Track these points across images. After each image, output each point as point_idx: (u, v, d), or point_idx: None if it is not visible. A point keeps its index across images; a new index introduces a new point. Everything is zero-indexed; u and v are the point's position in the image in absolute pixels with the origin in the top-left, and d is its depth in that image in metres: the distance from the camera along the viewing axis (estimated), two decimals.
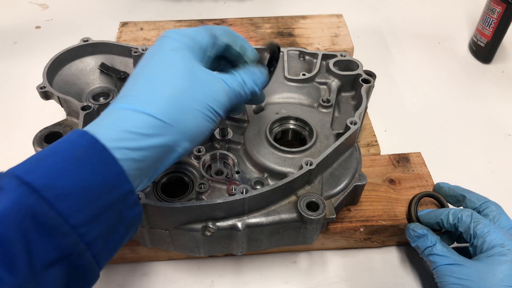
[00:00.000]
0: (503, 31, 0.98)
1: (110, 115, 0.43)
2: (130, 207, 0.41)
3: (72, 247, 0.36)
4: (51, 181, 0.36)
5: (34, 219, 0.34)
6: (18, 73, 0.99)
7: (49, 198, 0.35)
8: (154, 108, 0.42)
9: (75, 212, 0.36)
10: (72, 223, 0.36)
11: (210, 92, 0.46)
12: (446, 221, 0.60)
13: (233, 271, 0.68)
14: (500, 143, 0.88)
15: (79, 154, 0.38)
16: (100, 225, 0.38)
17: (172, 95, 0.43)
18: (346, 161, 0.65)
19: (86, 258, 0.37)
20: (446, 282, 0.56)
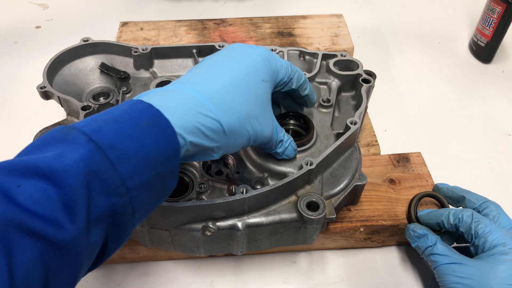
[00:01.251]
0: (503, 31, 0.98)
1: (181, 97, 0.46)
2: (173, 179, 0.44)
3: (121, 208, 0.39)
4: (115, 143, 0.38)
5: (97, 175, 0.37)
6: (18, 73, 0.99)
7: (112, 158, 0.38)
8: (225, 119, 0.47)
9: (132, 175, 0.39)
10: (127, 185, 0.38)
11: (262, 130, 0.52)
12: (446, 222, 0.60)
13: (233, 271, 0.68)
14: (500, 143, 0.88)
15: (143, 124, 0.41)
16: (148, 191, 0.41)
17: (245, 118, 0.49)
18: (346, 161, 0.65)
19: (128, 220, 0.40)
20: (447, 281, 0.56)
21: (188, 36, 1.00)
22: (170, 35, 1.00)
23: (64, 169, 0.35)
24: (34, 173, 0.35)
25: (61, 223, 0.34)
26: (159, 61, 0.79)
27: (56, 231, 0.34)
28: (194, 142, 0.44)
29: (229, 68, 0.51)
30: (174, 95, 0.46)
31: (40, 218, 0.33)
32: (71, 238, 0.35)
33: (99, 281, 0.67)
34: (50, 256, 0.34)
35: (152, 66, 0.79)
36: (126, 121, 0.40)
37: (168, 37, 1.00)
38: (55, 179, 0.35)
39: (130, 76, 0.77)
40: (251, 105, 0.50)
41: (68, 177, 0.35)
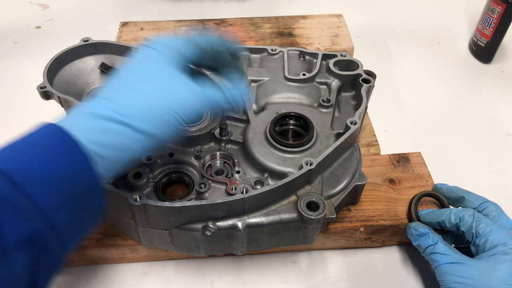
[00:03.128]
0: (503, 31, 0.98)
1: (82, 109, 0.45)
2: (94, 195, 0.43)
3: (40, 231, 0.38)
4: (20, 166, 0.38)
5: (6, 202, 0.36)
6: (18, 73, 0.99)
7: (19, 182, 0.37)
8: (119, 109, 0.45)
9: (44, 196, 0.38)
10: (40, 206, 0.38)
11: (176, 98, 0.48)
12: (447, 221, 0.60)
13: (233, 271, 0.68)
14: (500, 143, 0.88)
15: (46, 142, 0.40)
16: (67, 211, 0.40)
17: (138, 98, 0.46)
18: (346, 161, 0.65)
19: (53, 243, 0.39)
20: (448, 281, 0.56)
21: None
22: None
23: None
24: None
25: None
26: None
27: None
28: (104, 144, 0.43)
29: (121, 70, 0.50)
30: (77, 109, 0.45)
31: None
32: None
33: (99, 281, 0.67)
34: None
35: None
36: (28, 144, 0.40)
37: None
38: None
39: None
40: (144, 90, 0.47)
41: None
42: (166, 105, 0.47)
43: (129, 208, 0.55)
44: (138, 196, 0.54)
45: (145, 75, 0.49)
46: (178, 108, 0.47)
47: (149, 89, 0.47)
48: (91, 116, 0.44)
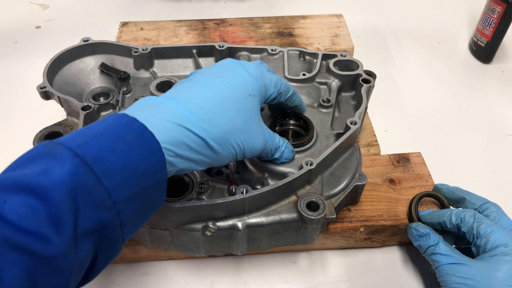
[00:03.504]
0: (503, 31, 0.98)
1: (166, 110, 0.46)
2: (161, 193, 0.45)
3: (109, 221, 0.39)
4: (100, 157, 0.39)
5: (84, 189, 0.37)
6: (18, 73, 1.00)
7: (98, 172, 0.38)
8: (209, 133, 0.47)
9: (118, 189, 0.39)
10: (114, 199, 0.39)
11: (252, 143, 0.53)
12: (448, 222, 0.60)
13: (233, 271, 0.68)
14: (500, 143, 0.88)
15: (128, 138, 0.41)
16: (135, 205, 0.41)
17: (229, 132, 0.49)
18: (346, 161, 0.65)
19: (116, 234, 0.40)
20: (449, 282, 0.56)
21: (188, 36, 1.00)
22: (170, 35, 1.00)
23: (51, 184, 0.35)
24: (20, 188, 0.35)
25: (48, 237, 0.34)
26: (159, 61, 0.79)
27: (43, 245, 0.34)
28: (180, 155, 0.45)
29: (216, 85, 0.51)
30: (159, 109, 0.46)
31: (26, 233, 0.33)
32: (58, 252, 0.35)
33: (99, 281, 0.67)
34: (37, 271, 0.34)
35: (152, 66, 0.79)
36: (110, 136, 0.41)
37: (168, 37, 1.00)
38: (41, 194, 0.35)
39: (130, 76, 0.77)
40: (237, 120, 0.50)
41: (54, 192, 0.35)
42: (241, 140, 0.51)
43: None
44: None
45: (235, 102, 0.51)
46: (249, 148, 0.52)
47: (234, 119, 0.50)
48: (174, 123, 0.45)
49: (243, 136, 0.51)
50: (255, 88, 0.54)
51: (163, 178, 0.43)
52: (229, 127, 0.49)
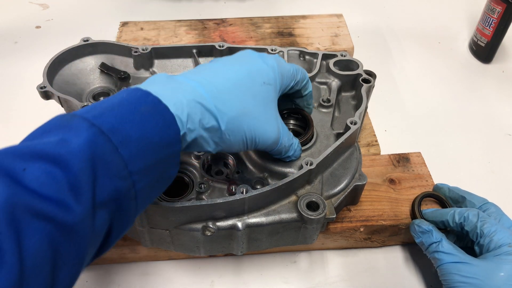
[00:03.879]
0: (503, 31, 0.98)
1: (180, 87, 0.46)
2: (174, 166, 0.45)
3: (125, 192, 0.39)
4: (117, 127, 0.39)
5: (102, 158, 0.37)
6: (18, 73, 0.99)
7: (115, 141, 0.38)
8: (222, 112, 0.47)
9: (135, 159, 0.39)
10: (130, 168, 0.39)
11: (264, 132, 0.52)
12: (452, 220, 0.60)
13: (233, 271, 0.68)
14: (500, 143, 0.88)
15: (143, 109, 0.41)
16: (150, 176, 0.42)
17: (241, 115, 0.49)
18: (346, 161, 0.65)
19: (131, 204, 0.41)
20: (451, 280, 0.56)
21: (188, 36, 1.00)
22: (170, 35, 1.00)
23: (70, 152, 0.36)
24: (39, 157, 0.35)
25: (68, 205, 0.34)
26: (159, 61, 0.79)
27: (63, 213, 0.34)
28: (192, 129, 0.45)
29: (232, 69, 0.51)
30: (173, 85, 0.46)
31: (47, 200, 0.33)
32: (78, 220, 0.35)
33: (99, 281, 0.67)
34: (58, 238, 0.34)
35: (152, 66, 0.79)
36: (125, 107, 0.41)
37: (168, 37, 1.00)
38: (60, 162, 0.35)
39: (130, 76, 0.77)
40: (250, 105, 0.50)
41: (73, 160, 0.35)
42: (253, 127, 0.50)
43: None
44: None
45: (250, 88, 0.51)
46: (261, 136, 0.52)
47: (247, 103, 0.50)
48: (187, 98, 0.45)
49: (255, 123, 0.51)
50: (272, 77, 0.53)
51: (177, 150, 0.44)
52: (241, 110, 0.49)
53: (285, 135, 0.56)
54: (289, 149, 0.58)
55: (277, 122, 0.55)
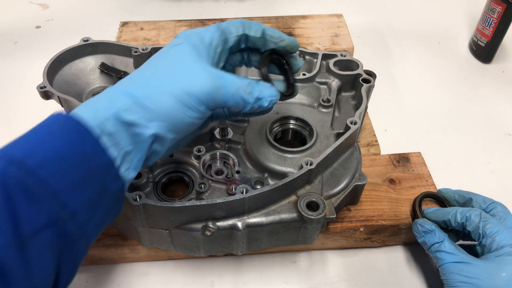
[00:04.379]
0: (503, 31, 0.98)
1: (99, 97, 0.45)
2: (112, 180, 0.42)
3: (57, 213, 0.37)
4: (31, 151, 0.38)
5: (19, 186, 0.36)
6: (18, 73, 0.99)
7: (31, 165, 0.37)
8: (133, 90, 0.44)
9: (57, 177, 0.38)
10: (54, 188, 0.37)
11: (187, 84, 0.45)
12: (453, 220, 0.60)
13: (233, 271, 0.68)
14: (500, 143, 0.88)
15: (55, 129, 0.40)
16: (83, 194, 0.40)
17: (152, 78, 0.46)
18: (346, 161, 0.65)
19: (72, 227, 0.39)
20: (452, 280, 0.56)
21: None
22: (170, 35, 1.00)
23: None
24: None
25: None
26: None
27: None
28: (113, 132, 0.42)
29: (148, 60, 0.50)
30: (94, 98, 0.45)
31: None
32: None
33: (99, 281, 0.67)
34: None
35: None
36: (37, 131, 0.41)
37: (168, 37, 1.00)
38: None
39: None
40: (156, 68, 0.48)
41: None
42: (170, 84, 0.45)
43: (129, 207, 0.55)
44: (138, 196, 0.54)
45: (157, 56, 0.49)
46: (186, 90, 0.45)
47: (154, 67, 0.48)
48: (101, 103, 0.44)
49: (170, 80, 0.45)
50: (182, 37, 0.50)
51: (105, 162, 0.41)
52: (149, 74, 0.47)
53: (231, 83, 0.48)
54: (249, 97, 0.49)
55: (205, 70, 0.47)
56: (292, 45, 0.54)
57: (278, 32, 0.54)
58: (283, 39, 0.53)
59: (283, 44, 0.53)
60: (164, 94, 0.45)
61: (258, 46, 0.54)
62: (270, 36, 0.53)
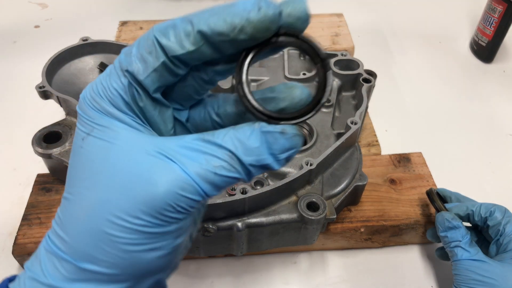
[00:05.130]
0: (504, 31, 0.97)
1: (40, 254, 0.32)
2: None
3: None
4: None
5: None
6: (17, 73, 0.99)
7: None
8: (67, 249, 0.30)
9: None
10: None
11: (133, 197, 0.28)
12: (477, 214, 0.60)
13: (233, 271, 0.68)
14: (501, 143, 0.88)
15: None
16: None
17: (82, 221, 0.29)
18: (346, 161, 0.65)
19: None
20: (466, 277, 0.55)
21: None
22: None
23: None
24: None
25: None
26: None
27: None
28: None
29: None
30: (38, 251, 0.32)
31: None
32: None
33: None
34: None
35: None
36: None
37: None
38: None
39: None
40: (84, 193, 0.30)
41: None
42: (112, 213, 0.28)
43: None
44: None
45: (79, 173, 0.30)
46: (126, 209, 0.28)
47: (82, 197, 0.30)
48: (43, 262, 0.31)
49: (108, 208, 0.28)
50: (83, 125, 0.31)
51: None
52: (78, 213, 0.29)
53: (191, 160, 0.28)
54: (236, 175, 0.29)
55: (156, 157, 0.28)
56: (299, 11, 0.28)
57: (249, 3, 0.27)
58: (287, 11, 0.28)
59: (291, 18, 0.28)
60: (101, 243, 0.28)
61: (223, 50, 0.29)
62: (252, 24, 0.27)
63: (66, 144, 0.65)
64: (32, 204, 0.67)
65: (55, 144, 0.65)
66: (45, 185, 0.70)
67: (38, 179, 0.70)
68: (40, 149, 0.64)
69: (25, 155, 0.75)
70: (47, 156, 0.65)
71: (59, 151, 0.64)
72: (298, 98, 0.31)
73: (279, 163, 0.29)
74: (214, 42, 0.28)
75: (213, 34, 0.27)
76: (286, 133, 0.28)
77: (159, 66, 0.28)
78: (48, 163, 0.68)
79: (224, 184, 0.29)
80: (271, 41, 0.29)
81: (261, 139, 0.28)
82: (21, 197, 0.74)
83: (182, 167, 0.28)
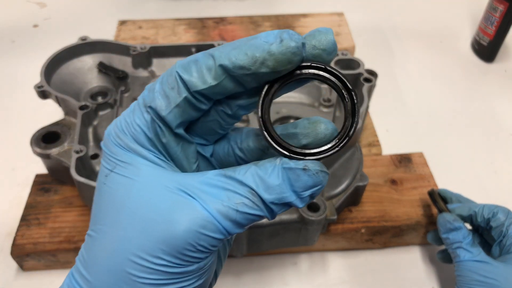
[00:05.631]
0: (505, 30, 0.97)
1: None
2: None
3: None
4: None
5: None
6: (15, 72, 0.99)
7: None
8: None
9: None
10: None
11: (156, 237, 0.27)
12: (480, 215, 0.59)
13: (233, 272, 0.67)
14: (503, 143, 0.87)
15: None
16: None
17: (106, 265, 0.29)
18: (347, 162, 0.65)
19: None
20: (469, 278, 0.55)
21: (187, 34, 0.99)
22: (169, 34, 0.99)
23: None
24: None
25: None
26: (157, 60, 0.78)
27: None
28: None
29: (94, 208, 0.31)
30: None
31: None
32: None
33: None
34: None
35: (151, 65, 0.78)
36: None
37: (167, 36, 0.99)
38: None
39: (129, 75, 0.76)
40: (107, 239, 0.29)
41: None
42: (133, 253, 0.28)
43: None
44: None
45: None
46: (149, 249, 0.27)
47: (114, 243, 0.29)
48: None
49: (131, 248, 0.28)
50: (108, 162, 0.30)
51: None
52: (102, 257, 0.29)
53: (223, 201, 0.28)
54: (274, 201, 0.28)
55: (173, 201, 0.28)
56: (324, 43, 0.27)
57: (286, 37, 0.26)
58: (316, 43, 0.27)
59: (316, 50, 0.27)
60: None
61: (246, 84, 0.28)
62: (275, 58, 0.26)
63: (65, 144, 0.65)
64: (31, 205, 0.67)
65: (53, 144, 0.65)
66: (43, 185, 0.69)
67: (37, 179, 0.70)
68: (39, 149, 0.64)
69: (24, 155, 0.74)
70: (46, 156, 0.64)
71: (57, 151, 0.64)
72: (322, 134, 0.31)
73: (302, 201, 0.28)
74: (235, 76, 0.27)
75: (235, 68, 0.27)
76: (308, 169, 0.28)
77: (181, 102, 0.28)
78: (47, 163, 0.67)
79: (246, 222, 0.28)
80: (294, 74, 0.28)
81: (283, 176, 0.28)
82: (19, 197, 0.73)
83: (202, 204, 0.27)
